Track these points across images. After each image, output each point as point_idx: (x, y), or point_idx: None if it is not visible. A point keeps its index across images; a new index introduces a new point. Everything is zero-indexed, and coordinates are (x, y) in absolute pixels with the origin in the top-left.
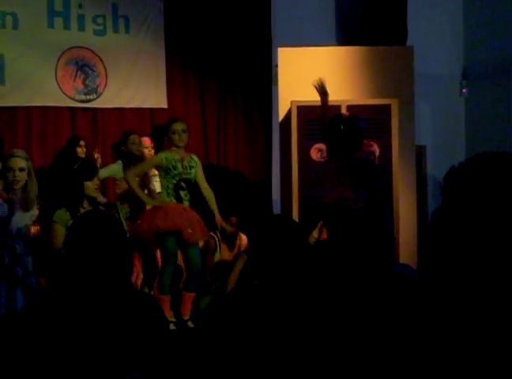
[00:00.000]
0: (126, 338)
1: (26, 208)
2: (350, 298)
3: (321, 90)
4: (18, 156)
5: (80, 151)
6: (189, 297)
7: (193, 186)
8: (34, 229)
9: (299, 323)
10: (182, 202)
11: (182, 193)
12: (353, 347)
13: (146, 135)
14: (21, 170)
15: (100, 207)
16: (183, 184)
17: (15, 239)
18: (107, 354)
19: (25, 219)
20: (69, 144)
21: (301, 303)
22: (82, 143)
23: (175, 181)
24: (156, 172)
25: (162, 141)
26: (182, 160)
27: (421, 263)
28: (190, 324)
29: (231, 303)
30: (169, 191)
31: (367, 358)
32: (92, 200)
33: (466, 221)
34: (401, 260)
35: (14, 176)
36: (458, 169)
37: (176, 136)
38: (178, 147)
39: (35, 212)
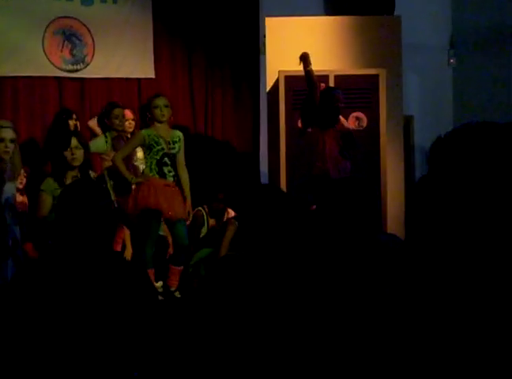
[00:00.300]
0: (116, 309)
1: (13, 177)
2: (337, 267)
3: (306, 64)
4: (8, 127)
5: (72, 124)
6: (176, 270)
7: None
8: (22, 198)
9: (288, 295)
10: (165, 178)
11: (165, 169)
12: (344, 319)
13: (128, 108)
14: (12, 141)
15: (92, 174)
16: (167, 159)
17: (4, 209)
18: (95, 322)
19: (12, 189)
20: (61, 116)
21: (289, 275)
22: (74, 116)
23: (158, 157)
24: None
25: (145, 117)
26: (165, 136)
27: (408, 232)
28: (177, 294)
29: (218, 275)
30: (152, 167)
31: (358, 331)
32: (82, 169)
33: (451, 189)
34: (389, 230)
35: (6, 147)
36: (445, 139)
37: (158, 111)
38: (160, 122)
39: (22, 180)
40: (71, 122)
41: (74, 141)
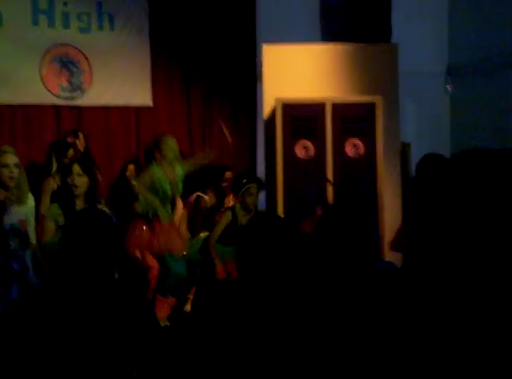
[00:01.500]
0: (118, 335)
1: (20, 201)
2: (332, 293)
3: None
4: (11, 152)
5: (80, 145)
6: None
7: None
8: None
9: (283, 319)
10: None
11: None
12: (335, 342)
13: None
14: (16, 165)
15: (99, 205)
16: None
17: (8, 235)
18: (98, 351)
19: (19, 214)
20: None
21: (285, 299)
22: (81, 135)
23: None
24: None
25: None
26: (171, 180)
27: (405, 256)
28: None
29: (218, 299)
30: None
31: (348, 354)
32: (88, 198)
33: (447, 210)
34: (387, 258)
35: (11, 172)
36: (443, 164)
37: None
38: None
39: (31, 204)
40: (78, 142)
41: (76, 168)
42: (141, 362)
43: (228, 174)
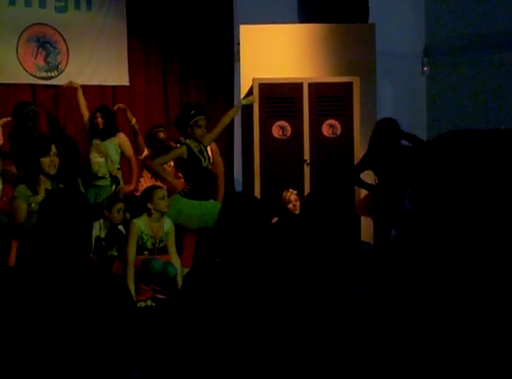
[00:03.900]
0: (94, 319)
1: None
2: (313, 274)
3: None
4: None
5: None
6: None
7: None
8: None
9: (262, 301)
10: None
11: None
12: (314, 324)
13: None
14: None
15: (60, 184)
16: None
17: None
18: (71, 334)
19: None
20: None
21: (263, 281)
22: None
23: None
24: None
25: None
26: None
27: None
28: (148, 302)
29: (195, 281)
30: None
31: (327, 334)
32: (49, 176)
33: (438, 195)
34: (363, 238)
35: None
36: (431, 145)
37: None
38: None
39: None
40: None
41: (54, 148)
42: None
43: (161, 135)
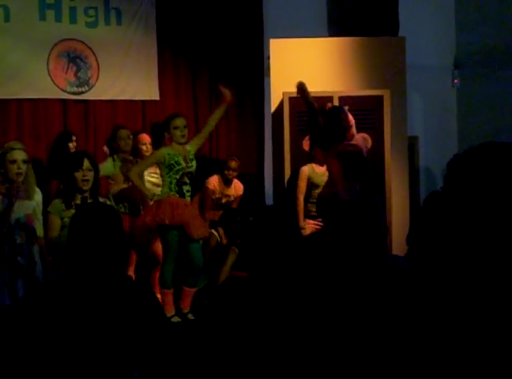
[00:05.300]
0: (125, 331)
1: (28, 196)
2: (343, 289)
3: (303, 93)
4: (20, 148)
5: (72, 147)
6: (189, 292)
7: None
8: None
9: (292, 316)
10: (184, 197)
11: (184, 189)
12: (346, 340)
13: (145, 132)
14: (25, 162)
15: (102, 200)
16: (186, 179)
17: (14, 230)
18: (105, 347)
19: (25, 209)
20: (61, 139)
21: (293, 296)
22: (74, 138)
23: (178, 177)
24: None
25: (161, 137)
26: (184, 155)
27: (412, 251)
28: (190, 316)
29: (224, 296)
30: (171, 186)
31: (359, 351)
32: (92, 192)
33: (467, 205)
34: (394, 252)
35: (19, 168)
36: (462, 157)
37: (178, 132)
38: (180, 143)
39: (38, 199)
40: (71, 145)
41: (86, 163)
42: (143, 362)
43: (233, 164)
